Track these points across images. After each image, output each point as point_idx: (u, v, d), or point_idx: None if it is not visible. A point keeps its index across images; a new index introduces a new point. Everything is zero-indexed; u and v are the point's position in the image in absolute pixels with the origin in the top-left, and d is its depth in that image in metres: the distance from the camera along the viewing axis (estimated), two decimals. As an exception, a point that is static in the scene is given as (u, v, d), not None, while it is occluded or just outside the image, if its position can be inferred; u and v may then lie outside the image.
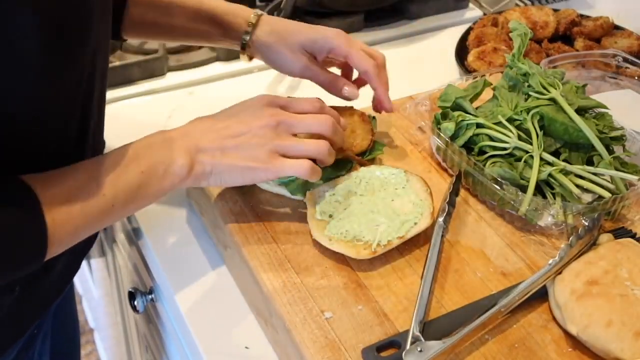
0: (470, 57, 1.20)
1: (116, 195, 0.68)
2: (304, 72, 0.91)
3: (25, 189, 0.62)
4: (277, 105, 0.78)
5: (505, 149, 0.85)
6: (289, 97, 0.82)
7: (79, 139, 0.73)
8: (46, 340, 0.89)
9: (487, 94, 0.94)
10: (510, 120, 0.86)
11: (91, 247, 0.89)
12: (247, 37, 0.92)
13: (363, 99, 0.93)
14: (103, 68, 0.75)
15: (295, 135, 0.77)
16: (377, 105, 0.93)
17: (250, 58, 0.95)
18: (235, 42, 0.93)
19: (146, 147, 0.72)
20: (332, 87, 0.91)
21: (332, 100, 0.89)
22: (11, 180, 0.62)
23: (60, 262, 0.78)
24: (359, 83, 0.95)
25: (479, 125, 0.87)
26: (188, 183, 0.73)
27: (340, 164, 0.86)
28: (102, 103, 0.80)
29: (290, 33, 0.91)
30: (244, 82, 1.20)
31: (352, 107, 0.92)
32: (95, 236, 0.88)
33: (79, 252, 0.84)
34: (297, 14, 1.27)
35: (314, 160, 0.77)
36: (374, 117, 0.93)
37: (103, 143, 0.85)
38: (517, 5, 1.42)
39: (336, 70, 0.96)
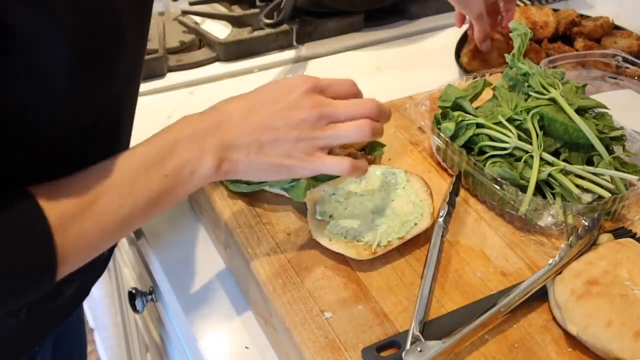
0: (464, 59, 1.20)
1: (135, 204, 0.61)
2: (478, 17, 1.12)
3: (30, 204, 0.56)
4: (318, 89, 0.70)
5: (505, 149, 0.85)
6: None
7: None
8: (46, 357, 0.87)
9: (487, 94, 0.94)
10: (510, 120, 0.86)
11: (101, 275, 0.85)
12: None
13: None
14: (134, 92, 0.72)
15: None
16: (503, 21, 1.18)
17: None
18: None
19: (171, 146, 0.64)
20: (483, 40, 1.14)
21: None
22: (15, 194, 0.56)
23: (70, 288, 0.74)
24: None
25: (479, 125, 0.87)
26: (214, 180, 0.67)
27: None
28: (130, 128, 0.77)
29: None
30: (244, 82, 1.20)
31: None
32: (106, 263, 0.85)
33: (90, 278, 0.81)
34: (297, 14, 1.27)
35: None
36: None
37: None
38: (517, 5, 1.42)
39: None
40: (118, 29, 0.60)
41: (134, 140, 0.71)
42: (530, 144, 0.83)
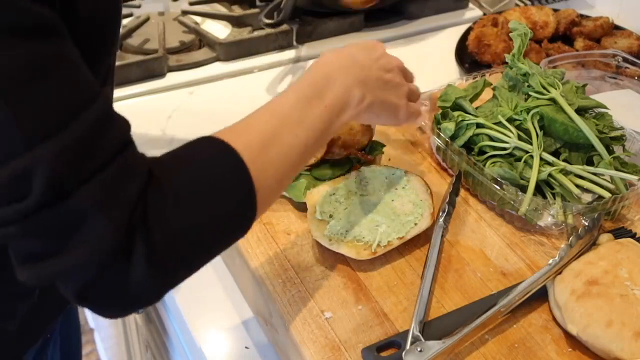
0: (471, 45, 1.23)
1: (307, 133, 0.66)
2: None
3: (222, 144, 0.59)
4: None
5: (505, 149, 0.85)
6: None
7: None
8: (57, 342, 0.88)
9: (487, 94, 0.94)
10: (510, 120, 0.86)
11: None
12: None
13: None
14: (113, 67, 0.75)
15: None
16: None
17: None
18: None
19: (325, 79, 0.69)
20: None
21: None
22: (205, 140, 0.60)
23: None
24: None
25: (479, 125, 0.87)
26: (354, 115, 0.72)
27: (340, 164, 0.86)
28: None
29: None
30: (244, 82, 1.20)
31: None
32: None
33: None
34: (297, 14, 1.27)
35: None
36: None
37: None
38: (517, 5, 1.42)
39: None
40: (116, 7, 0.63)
41: (134, 140, 0.71)
42: (530, 144, 0.83)
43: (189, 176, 0.56)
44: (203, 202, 0.55)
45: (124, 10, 1.27)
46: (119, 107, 1.11)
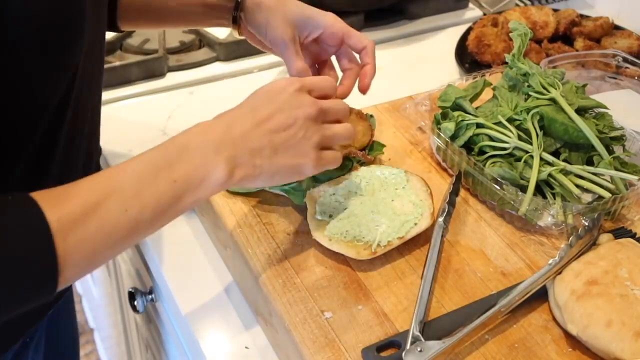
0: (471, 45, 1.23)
1: (142, 210, 0.58)
2: (280, 47, 0.84)
3: (31, 208, 0.54)
4: (306, 90, 0.70)
5: (505, 149, 0.85)
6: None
7: (65, 144, 0.68)
8: (39, 347, 0.87)
9: (487, 94, 0.94)
10: (510, 120, 0.86)
11: None
12: (240, 6, 0.87)
13: (361, 99, 0.93)
14: (97, 72, 0.73)
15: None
16: (360, 80, 0.87)
17: (239, 32, 0.90)
18: (227, 15, 0.88)
19: (181, 151, 0.61)
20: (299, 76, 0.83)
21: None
22: (16, 198, 0.55)
23: None
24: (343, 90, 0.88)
25: (479, 125, 0.87)
26: (226, 188, 0.65)
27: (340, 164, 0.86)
28: (96, 112, 0.77)
29: (284, 2, 0.85)
30: (244, 82, 1.20)
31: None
32: None
33: None
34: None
35: None
36: (371, 115, 0.93)
37: (99, 150, 0.83)
38: (517, 5, 1.42)
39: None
40: (78, 9, 0.61)
41: (134, 140, 0.72)
42: (530, 144, 0.83)
43: None
44: None
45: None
46: (119, 107, 1.12)
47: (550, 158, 0.83)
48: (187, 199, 0.61)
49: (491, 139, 0.86)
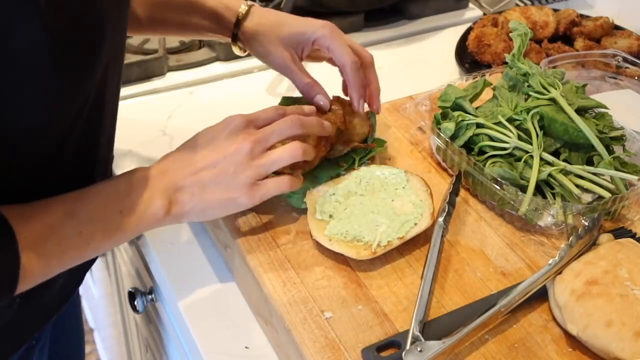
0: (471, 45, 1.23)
1: (93, 234, 0.67)
2: (283, 70, 0.89)
3: (3, 224, 0.61)
4: (246, 123, 0.75)
5: (505, 149, 0.85)
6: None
7: (86, 154, 0.72)
8: (44, 351, 0.88)
9: (487, 94, 0.94)
10: (510, 120, 0.86)
11: (95, 261, 0.87)
12: (237, 29, 0.90)
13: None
14: (116, 84, 0.74)
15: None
16: (369, 104, 0.91)
17: (244, 50, 0.94)
18: (227, 34, 0.92)
19: (126, 186, 0.70)
20: (305, 92, 0.87)
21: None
22: None
23: (63, 276, 0.75)
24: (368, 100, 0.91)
25: (479, 125, 0.87)
26: (167, 223, 0.72)
27: (340, 161, 0.86)
28: (114, 121, 0.78)
29: (277, 25, 0.89)
30: (244, 82, 1.20)
31: (339, 97, 0.90)
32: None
33: (83, 265, 0.82)
34: (297, 14, 1.27)
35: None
36: (372, 114, 0.93)
37: (112, 158, 0.84)
38: (517, 5, 1.42)
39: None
40: (98, 24, 0.62)
41: (134, 140, 0.71)
42: (530, 144, 0.83)
43: None
44: None
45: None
46: (119, 107, 1.12)
47: (550, 158, 0.83)
48: (130, 227, 0.69)
49: (491, 139, 0.86)
